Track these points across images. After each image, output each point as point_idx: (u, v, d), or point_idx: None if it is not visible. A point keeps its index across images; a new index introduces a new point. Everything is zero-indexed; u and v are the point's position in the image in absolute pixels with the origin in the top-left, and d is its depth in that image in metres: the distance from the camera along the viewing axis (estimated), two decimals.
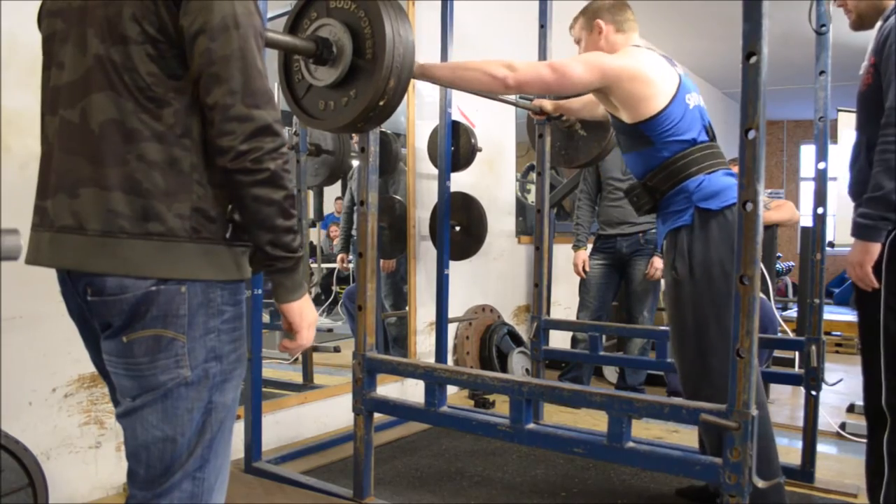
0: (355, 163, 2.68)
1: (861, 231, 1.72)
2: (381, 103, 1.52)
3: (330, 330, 3.63)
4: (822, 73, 2.28)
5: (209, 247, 1.09)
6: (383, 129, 2.81)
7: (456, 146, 3.07)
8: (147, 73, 1.04)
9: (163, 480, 1.11)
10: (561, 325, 3.23)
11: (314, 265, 3.65)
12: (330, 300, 3.69)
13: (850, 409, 3.41)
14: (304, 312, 1.17)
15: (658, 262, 3.35)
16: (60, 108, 1.10)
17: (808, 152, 10.30)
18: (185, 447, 1.11)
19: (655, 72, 1.92)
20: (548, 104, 2.64)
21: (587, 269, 3.44)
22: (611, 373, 3.93)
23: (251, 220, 1.09)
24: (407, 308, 3.40)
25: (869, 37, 1.85)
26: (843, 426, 3.02)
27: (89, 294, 1.08)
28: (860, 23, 1.88)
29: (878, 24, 1.79)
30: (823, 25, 2.27)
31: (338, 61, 1.55)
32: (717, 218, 1.87)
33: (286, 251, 1.11)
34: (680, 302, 1.92)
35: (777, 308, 3.64)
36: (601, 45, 2.08)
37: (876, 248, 1.70)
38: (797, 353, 3.25)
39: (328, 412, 2.91)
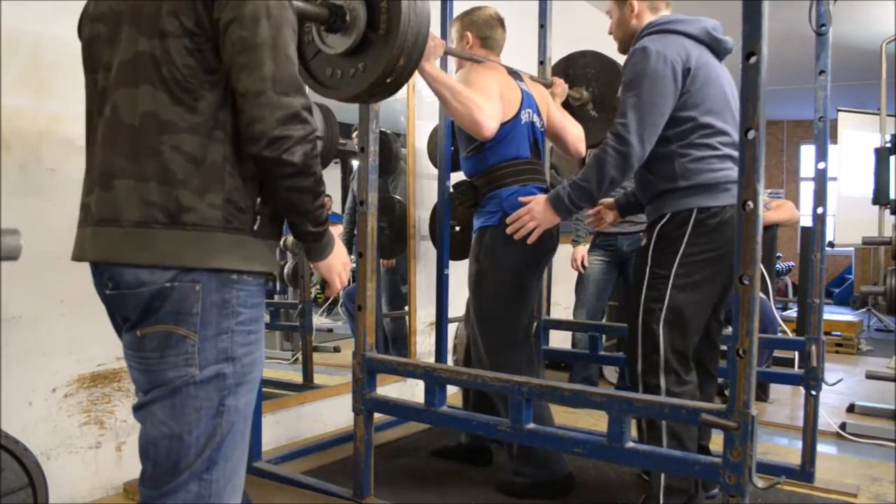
0: (356, 163, 2.67)
1: None
2: (388, 80, 1.48)
3: (330, 330, 3.63)
4: (822, 73, 2.28)
5: (240, 237, 1.12)
6: (383, 129, 2.81)
7: (456, 146, 3.06)
8: (183, 66, 1.07)
9: (169, 479, 1.11)
10: (561, 324, 3.22)
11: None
12: (329, 300, 3.69)
13: (850, 409, 3.41)
14: (332, 267, 1.30)
15: None
16: (106, 106, 1.13)
17: (807, 152, 10.30)
18: (193, 447, 1.11)
19: (506, 91, 2.16)
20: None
21: (585, 264, 3.44)
22: (610, 373, 3.93)
23: (284, 207, 1.16)
24: (407, 308, 3.40)
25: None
26: (843, 426, 3.02)
27: (109, 288, 1.11)
28: (623, 49, 2.06)
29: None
30: (823, 25, 2.27)
31: (350, 30, 1.50)
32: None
33: (316, 226, 1.20)
34: (480, 289, 2.20)
35: (777, 308, 3.64)
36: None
37: None
38: (797, 353, 3.26)
39: (328, 412, 2.91)
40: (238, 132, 1.10)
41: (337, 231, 3.68)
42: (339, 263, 1.31)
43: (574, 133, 2.47)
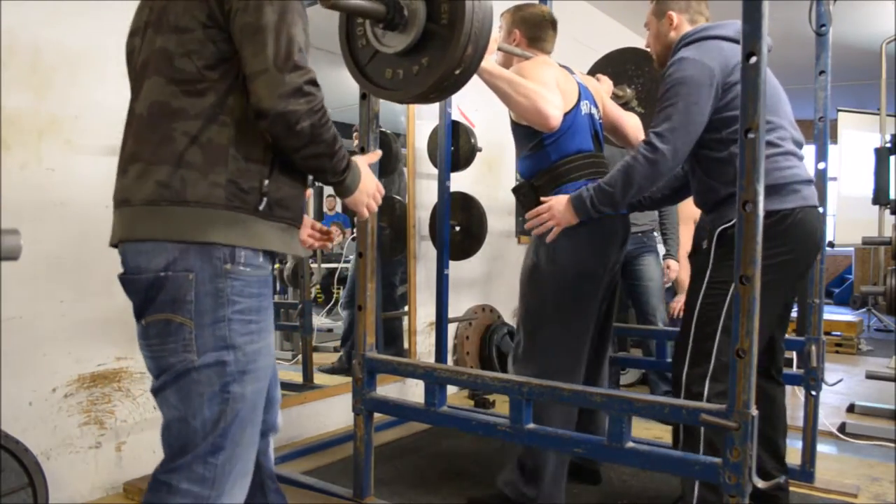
0: None
1: None
2: (457, 72, 1.39)
3: (330, 330, 3.63)
4: (822, 73, 2.28)
5: (241, 216, 1.17)
6: (383, 129, 2.81)
7: (456, 146, 3.07)
8: (196, 58, 1.15)
9: (177, 459, 1.17)
10: None
11: (314, 265, 3.64)
12: (331, 303, 3.69)
13: (850, 409, 3.41)
14: (357, 201, 1.39)
15: (674, 265, 3.33)
16: (134, 104, 1.23)
17: (808, 152, 10.27)
18: (199, 431, 1.16)
19: (563, 82, 2.07)
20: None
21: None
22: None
23: (304, 169, 1.26)
24: (407, 308, 3.41)
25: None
26: (842, 426, 3.02)
27: (123, 272, 1.20)
28: (661, 62, 2.02)
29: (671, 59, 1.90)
30: (823, 25, 2.27)
31: (409, 26, 1.41)
32: (587, 223, 1.97)
33: (335, 176, 1.29)
34: (533, 284, 2.09)
35: None
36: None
37: None
38: (797, 353, 3.25)
39: (328, 412, 2.92)
40: (245, 117, 1.16)
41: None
42: (364, 196, 1.39)
43: (632, 123, 2.37)
